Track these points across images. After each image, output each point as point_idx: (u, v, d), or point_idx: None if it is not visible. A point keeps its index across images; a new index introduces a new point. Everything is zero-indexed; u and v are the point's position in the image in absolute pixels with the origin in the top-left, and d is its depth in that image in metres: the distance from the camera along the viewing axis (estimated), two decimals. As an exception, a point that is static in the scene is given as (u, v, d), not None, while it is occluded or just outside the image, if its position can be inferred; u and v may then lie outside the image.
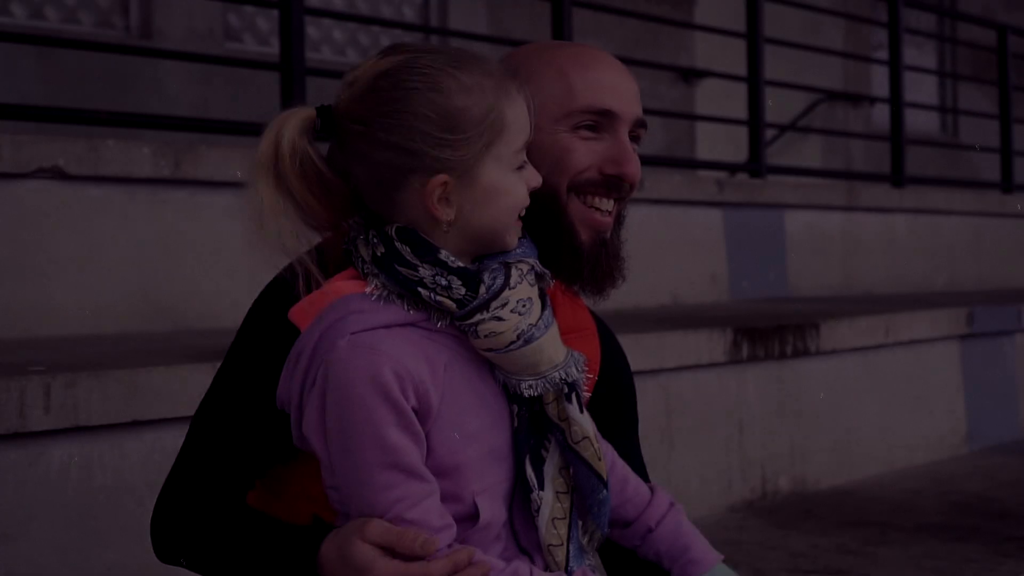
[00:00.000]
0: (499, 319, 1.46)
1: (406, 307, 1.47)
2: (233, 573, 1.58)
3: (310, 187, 1.47)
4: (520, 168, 1.51)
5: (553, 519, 1.55)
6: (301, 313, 1.49)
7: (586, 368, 1.57)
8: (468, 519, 1.49)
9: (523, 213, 1.54)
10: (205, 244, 3.78)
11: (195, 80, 6.61)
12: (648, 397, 3.67)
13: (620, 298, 1.86)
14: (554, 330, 1.53)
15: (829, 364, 4.51)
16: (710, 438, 4.01)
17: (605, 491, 1.57)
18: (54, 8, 6.37)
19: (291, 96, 4.37)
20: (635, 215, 5.33)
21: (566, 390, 1.53)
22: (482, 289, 1.46)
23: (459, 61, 1.48)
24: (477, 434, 1.50)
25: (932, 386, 5.05)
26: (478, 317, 1.46)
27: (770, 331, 4.19)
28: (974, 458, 5.03)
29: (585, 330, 1.86)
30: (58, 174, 3.46)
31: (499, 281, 1.47)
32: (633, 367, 2.04)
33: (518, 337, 1.47)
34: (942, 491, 4.38)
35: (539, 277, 1.54)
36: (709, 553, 1.69)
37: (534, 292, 1.51)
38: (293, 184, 1.45)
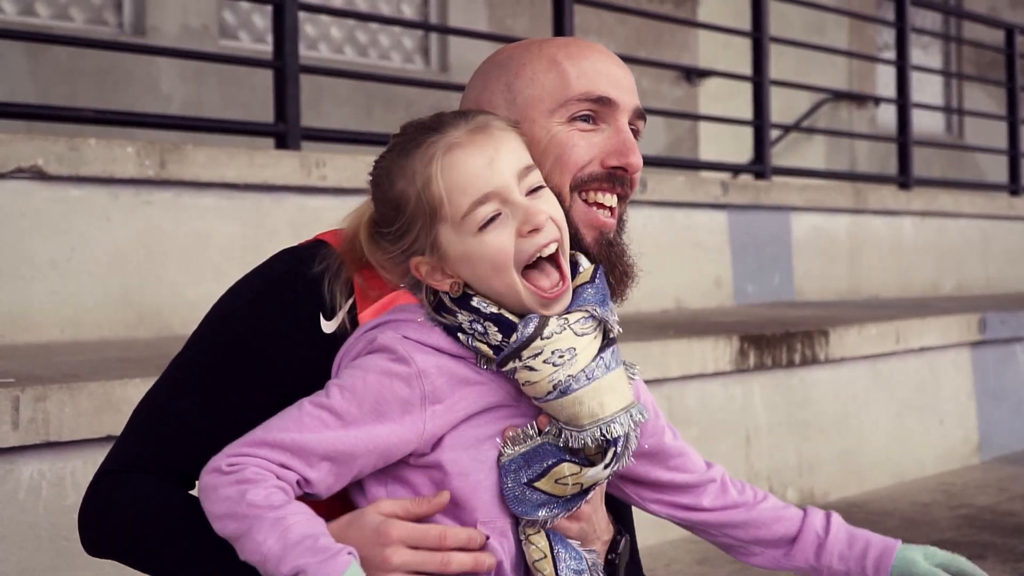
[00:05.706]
0: (531, 369, 1.44)
1: (457, 344, 1.48)
2: (174, 563, 1.51)
3: (372, 267, 1.54)
4: (487, 225, 1.45)
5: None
6: (372, 316, 1.53)
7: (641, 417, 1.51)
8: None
9: (551, 253, 1.46)
10: (191, 247, 3.65)
11: (189, 78, 6.50)
12: (651, 407, 3.54)
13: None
14: (607, 381, 1.47)
15: (838, 372, 4.38)
16: (715, 449, 3.88)
17: (526, 491, 1.47)
18: (45, 4, 6.25)
19: (284, 94, 4.26)
20: (637, 217, 5.19)
21: (604, 445, 1.47)
22: (514, 337, 1.44)
23: (413, 143, 1.48)
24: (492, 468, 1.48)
25: (943, 395, 4.92)
26: (511, 365, 1.45)
27: (777, 339, 4.06)
28: (986, 469, 4.91)
29: None
30: (37, 174, 3.33)
31: (529, 330, 1.44)
32: (635, 377, 1.92)
33: (554, 388, 1.44)
34: (954, 504, 4.25)
35: (601, 323, 1.48)
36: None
37: (583, 341, 1.46)
38: (365, 260, 1.54)
